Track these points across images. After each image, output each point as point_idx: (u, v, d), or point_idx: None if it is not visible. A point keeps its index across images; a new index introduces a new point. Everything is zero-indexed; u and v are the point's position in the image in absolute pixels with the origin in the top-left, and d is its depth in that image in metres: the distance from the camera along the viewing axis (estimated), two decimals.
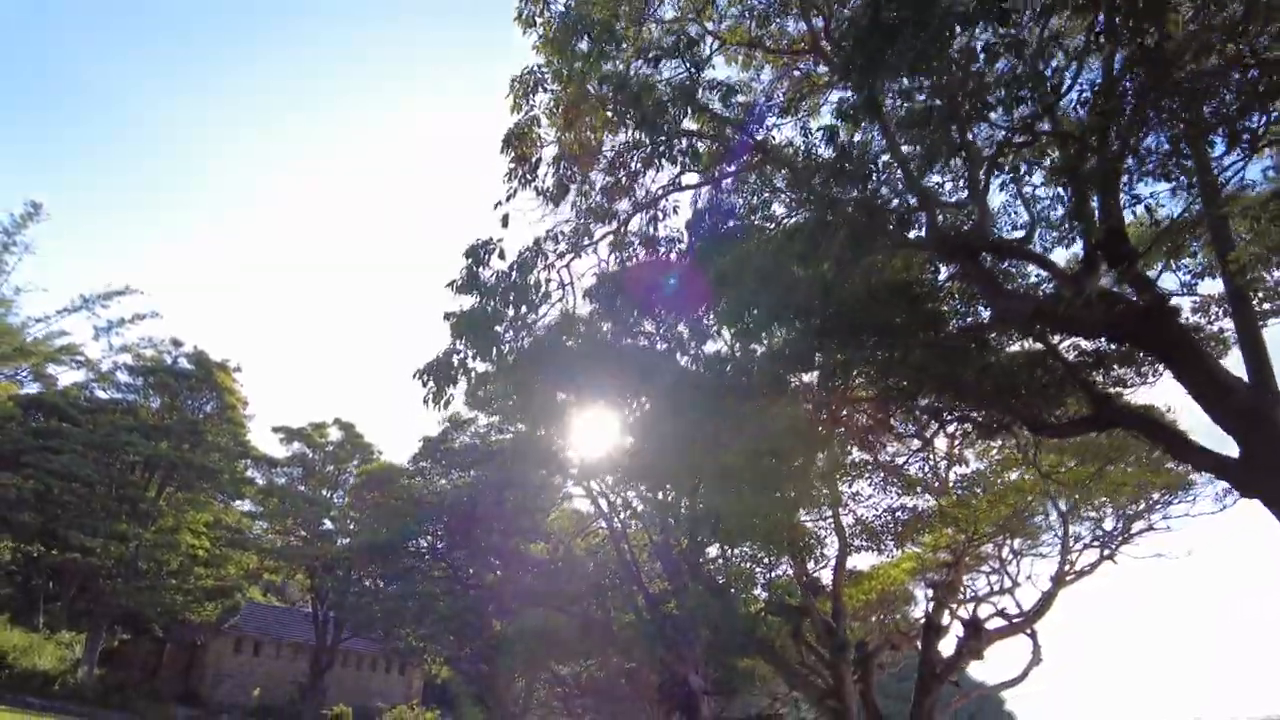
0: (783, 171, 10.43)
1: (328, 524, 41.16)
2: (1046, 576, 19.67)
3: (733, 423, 14.41)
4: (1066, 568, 19.41)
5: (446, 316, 8.81)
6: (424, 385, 8.57)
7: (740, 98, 11.07)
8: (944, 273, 12.21)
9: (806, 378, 14.42)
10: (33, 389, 41.67)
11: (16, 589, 41.44)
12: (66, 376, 41.90)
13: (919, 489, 16.24)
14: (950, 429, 11.87)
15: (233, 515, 45.05)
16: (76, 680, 36.05)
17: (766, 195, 11.56)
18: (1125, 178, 8.90)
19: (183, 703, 40.23)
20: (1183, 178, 8.82)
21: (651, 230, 10.67)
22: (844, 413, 13.33)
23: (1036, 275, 11.02)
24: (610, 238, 10.58)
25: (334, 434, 45.73)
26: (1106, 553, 19.26)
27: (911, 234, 10.46)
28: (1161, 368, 10.71)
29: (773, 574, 21.14)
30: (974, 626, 18.66)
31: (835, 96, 12.62)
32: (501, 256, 9.01)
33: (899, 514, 17.19)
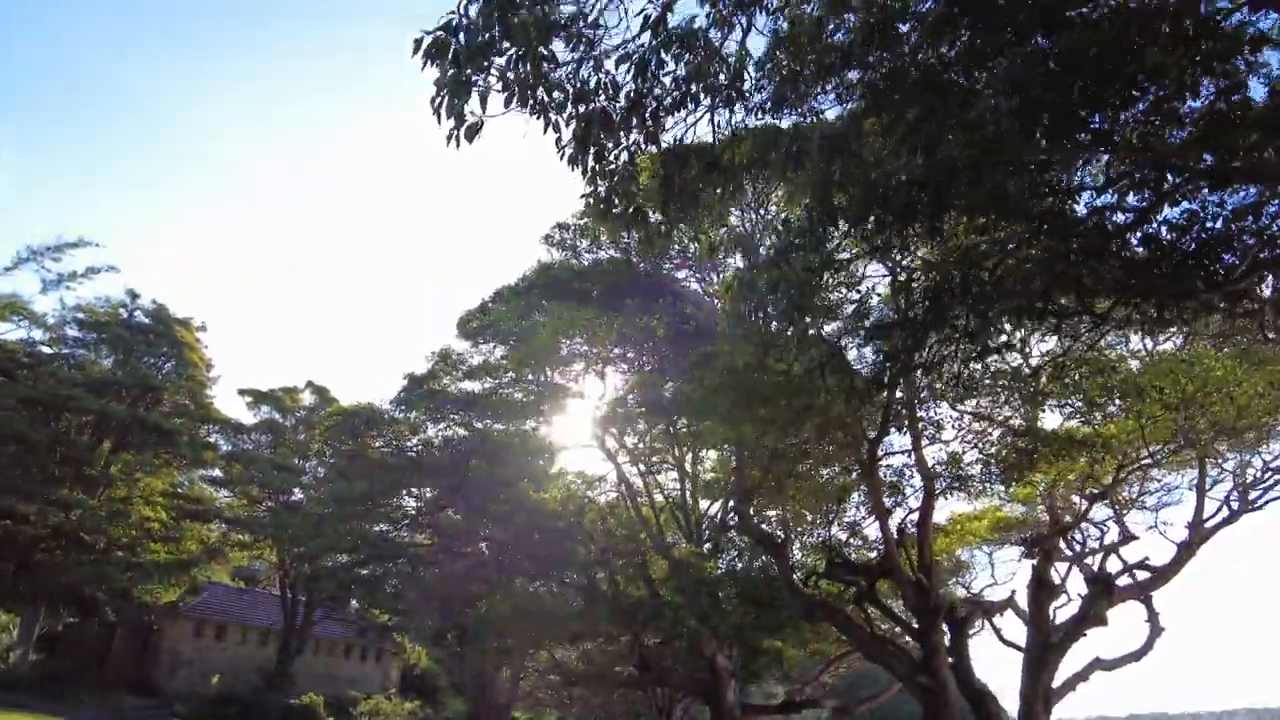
0: None
1: (298, 494, 37.31)
2: (1182, 524, 16.32)
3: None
4: (1213, 512, 16.00)
5: None
6: (434, 79, 4.90)
7: None
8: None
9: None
10: None
11: None
12: (12, 336, 37.43)
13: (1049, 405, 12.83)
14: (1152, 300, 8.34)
15: (194, 488, 41.12)
16: (8, 666, 32.26)
17: None
18: None
19: (135, 691, 36.24)
20: None
21: None
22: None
23: None
24: None
25: (307, 398, 42.05)
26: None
27: None
28: None
29: (832, 529, 17.77)
30: (1103, 584, 15.16)
31: None
32: None
33: (1016, 440, 13.78)
